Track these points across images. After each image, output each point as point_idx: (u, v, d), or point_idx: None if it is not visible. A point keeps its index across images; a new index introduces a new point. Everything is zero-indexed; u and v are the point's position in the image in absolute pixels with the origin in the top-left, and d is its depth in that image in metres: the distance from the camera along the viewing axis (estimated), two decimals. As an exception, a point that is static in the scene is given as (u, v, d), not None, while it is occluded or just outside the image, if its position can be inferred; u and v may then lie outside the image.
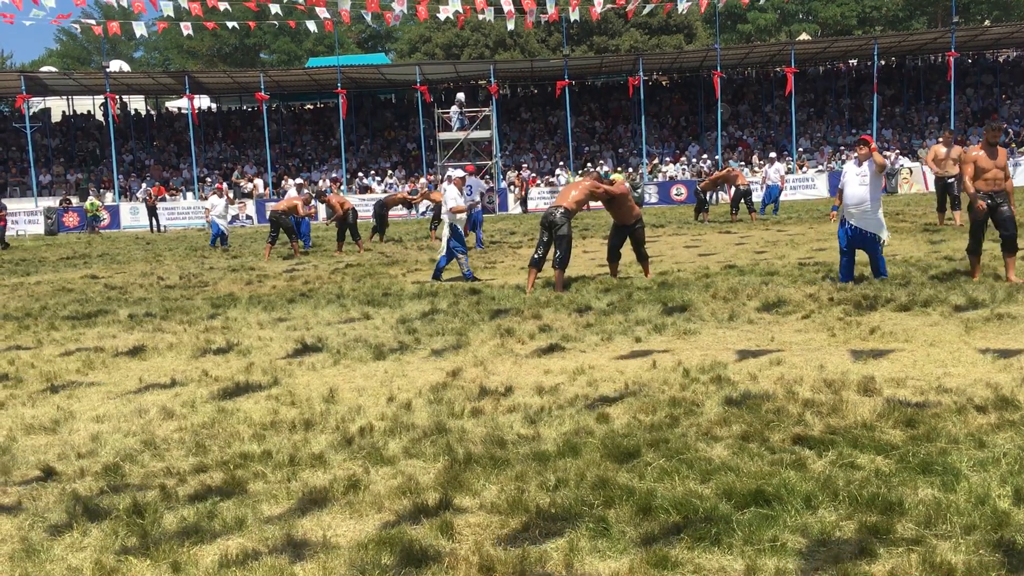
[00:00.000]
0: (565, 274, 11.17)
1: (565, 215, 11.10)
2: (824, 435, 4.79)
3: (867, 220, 10.05)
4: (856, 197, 10.06)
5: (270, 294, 11.99)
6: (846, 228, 10.22)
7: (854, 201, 10.07)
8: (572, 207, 11.23)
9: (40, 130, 43.47)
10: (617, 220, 11.98)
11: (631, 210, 11.85)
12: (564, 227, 11.05)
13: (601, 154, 41.47)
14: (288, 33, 64.69)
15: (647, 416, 5.35)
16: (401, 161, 42.42)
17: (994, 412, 5.06)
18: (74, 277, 15.84)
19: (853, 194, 10.09)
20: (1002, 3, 64.03)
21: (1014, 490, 3.89)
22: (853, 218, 10.14)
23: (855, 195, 10.07)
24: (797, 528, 3.66)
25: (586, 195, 11.52)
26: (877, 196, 10.09)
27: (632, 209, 11.87)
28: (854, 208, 10.09)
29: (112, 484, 4.61)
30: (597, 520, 3.82)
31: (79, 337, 9.24)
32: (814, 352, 6.89)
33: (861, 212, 10.06)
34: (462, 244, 12.87)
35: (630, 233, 11.86)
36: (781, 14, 67.76)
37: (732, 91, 44.97)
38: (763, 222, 21.35)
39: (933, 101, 42.81)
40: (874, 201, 10.02)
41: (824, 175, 36.31)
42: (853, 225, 10.14)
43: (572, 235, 11.30)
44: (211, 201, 22.57)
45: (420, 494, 4.25)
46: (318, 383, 6.66)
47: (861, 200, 10.03)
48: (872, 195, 10.03)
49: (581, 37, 55.80)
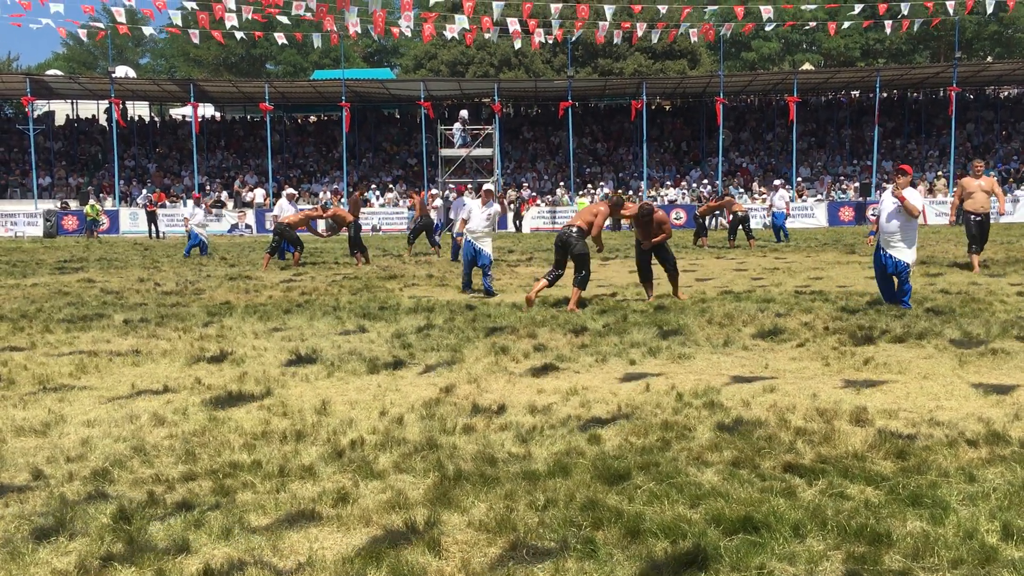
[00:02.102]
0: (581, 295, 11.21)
1: (580, 234, 11.17)
2: (815, 464, 4.79)
3: (900, 249, 10.28)
4: (891, 226, 10.30)
5: (266, 304, 11.98)
6: (881, 254, 10.45)
7: (889, 229, 10.32)
8: (585, 227, 11.28)
9: (43, 133, 43.54)
10: (642, 237, 12.01)
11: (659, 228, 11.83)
12: (579, 245, 11.11)
13: (602, 176, 41.59)
14: (294, 45, 64.93)
15: (639, 439, 5.35)
16: (402, 175, 42.51)
17: (985, 447, 5.06)
18: (71, 280, 15.83)
19: (889, 223, 10.33)
20: (1004, 40, 64.49)
21: (1002, 525, 3.89)
22: (887, 245, 10.38)
23: (891, 224, 10.31)
24: (785, 556, 3.65)
25: (603, 219, 11.50)
26: (911, 225, 10.30)
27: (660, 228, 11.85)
28: (888, 236, 10.34)
29: (100, 489, 4.60)
30: (585, 542, 3.81)
31: (73, 340, 9.23)
32: (808, 381, 6.89)
33: (894, 240, 10.30)
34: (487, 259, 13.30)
35: (654, 250, 11.91)
36: (785, 43, 68.19)
37: (734, 118, 45.17)
38: (761, 249, 21.42)
39: (934, 135, 43.01)
40: (907, 230, 10.26)
41: (824, 204, 36.42)
42: (887, 252, 10.37)
43: (589, 253, 11.37)
44: (190, 210, 22.41)
45: (409, 510, 4.24)
46: (311, 395, 6.65)
47: (895, 229, 10.27)
48: (905, 224, 10.25)
49: (585, 59, 56.08)
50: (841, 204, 36.46)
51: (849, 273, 15.09)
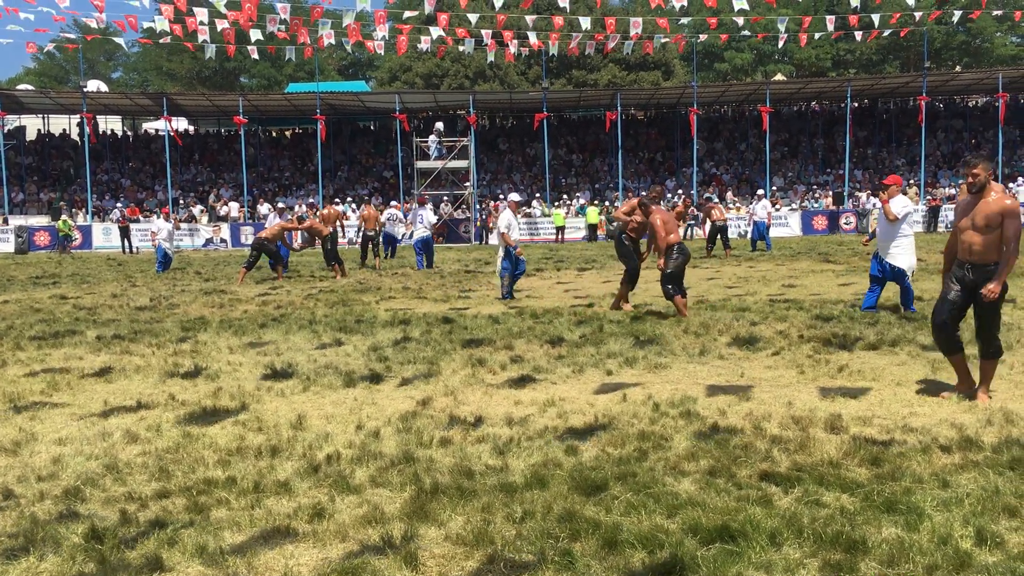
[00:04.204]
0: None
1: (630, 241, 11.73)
2: (791, 472, 4.81)
3: (895, 256, 10.61)
4: (886, 234, 10.66)
5: (241, 318, 11.90)
6: (879, 260, 10.80)
7: (884, 238, 10.69)
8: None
9: (14, 148, 43.10)
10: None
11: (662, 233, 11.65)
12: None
13: (578, 186, 41.71)
14: (268, 58, 64.74)
15: (616, 449, 5.35)
16: (379, 188, 42.43)
17: (958, 452, 5.11)
18: (43, 297, 15.65)
19: (883, 231, 10.72)
20: (972, 50, 65.46)
21: (976, 531, 3.92)
22: (884, 253, 10.71)
23: (885, 232, 10.69)
24: (762, 565, 3.66)
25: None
26: (906, 233, 10.66)
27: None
28: (884, 243, 10.69)
29: (72, 508, 4.54)
30: (563, 554, 3.81)
31: (45, 358, 9.12)
32: (783, 389, 6.93)
33: (890, 248, 10.63)
34: (512, 266, 13.44)
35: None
36: (757, 54, 68.83)
37: (708, 128, 45.49)
38: (735, 258, 21.54)
39: (904, 143, 43.51)
40: (902, 238, 10.61)
41: (798, 213, 36.70)
42: (885, 260, 10.71)
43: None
44: (157, 224, 21.66)
45: (385, 524, 4.21)
46: (286, 409, 6.60)
47: (890, 237, 10.63)
48: (900, 232, 10.61)
49: (560, 71, 56.32)
50: (814, 213, 36.76)
51: (823, 281, 15.20)
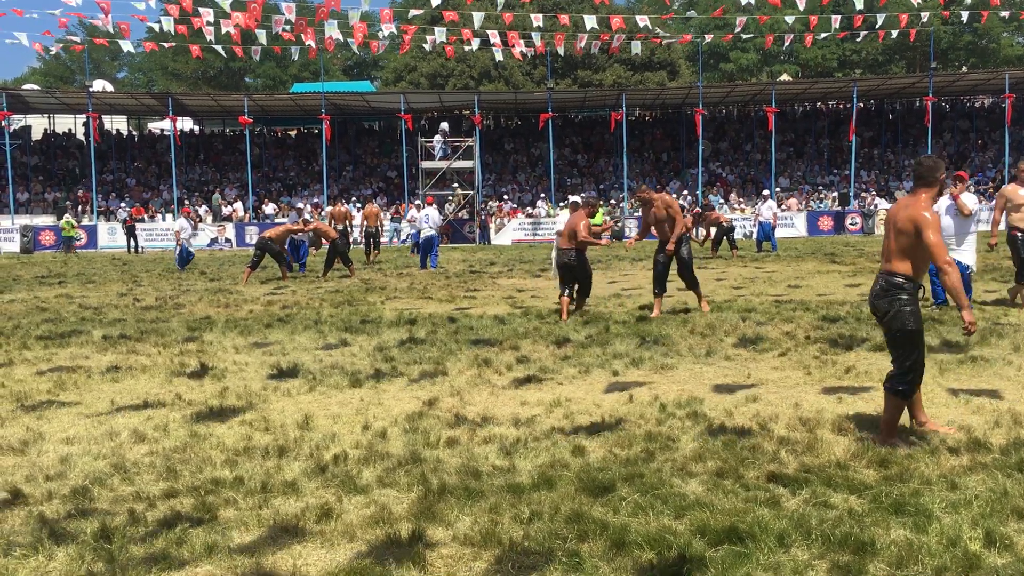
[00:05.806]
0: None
1: (579, 256, 11.49)
2: (798, 473, 4.80)
3: (961, 252, 10.67)
4: (947, 229, 10.60)
5: (247, 318, 11.91)
6: None
7: (955, 232, 10.73)
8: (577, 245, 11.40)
9: (20, 148, 43.19)
10: (661, 237, 11.70)
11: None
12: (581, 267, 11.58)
13: (583, 187, 41.68)
14: (273, 58, 64.82)
15: (623, 450, 5.35)
16: (383, 188, 42.46)
17: (966, 454, 5.09)
18: (48, 296, 15.68)
19: (955, 226, 10.75)
20: (979, 50, 65.30)
21: (985, 533, 3.91)
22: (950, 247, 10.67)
23: (956, 227, 10.74)
24: (770, 566, 3.66)
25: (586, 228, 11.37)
26: (965, 230, 10.78)
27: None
28: (952, 238, 10.64)
29: (80, 507, 4.54)
30: (570, 554, 3.81)
31: (51, 357, 9.14)
32: (790, 390, 6.92)
33: (950, 242, 10.53)
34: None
35: (675, 254, 11.50)
36: (763, 54, 68.72)
37: (713, 128, 45.44)
38: (741, 259, 21.53)
39: (910, 144, 43.42)
40: (961, 234, 10.75)
41: (803, 214, 36.64)
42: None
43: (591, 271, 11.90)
44: (180, 223, 22.55)
45: (393, 524, 4.21)
46: (293, 409, 6.61)
47: (962, 232, 10.75)
48: (960, 228, 10.74)
49: (565, 71, 56.28)
50: (820, 214, 36.70)
51: (829, 282, 15.18)
